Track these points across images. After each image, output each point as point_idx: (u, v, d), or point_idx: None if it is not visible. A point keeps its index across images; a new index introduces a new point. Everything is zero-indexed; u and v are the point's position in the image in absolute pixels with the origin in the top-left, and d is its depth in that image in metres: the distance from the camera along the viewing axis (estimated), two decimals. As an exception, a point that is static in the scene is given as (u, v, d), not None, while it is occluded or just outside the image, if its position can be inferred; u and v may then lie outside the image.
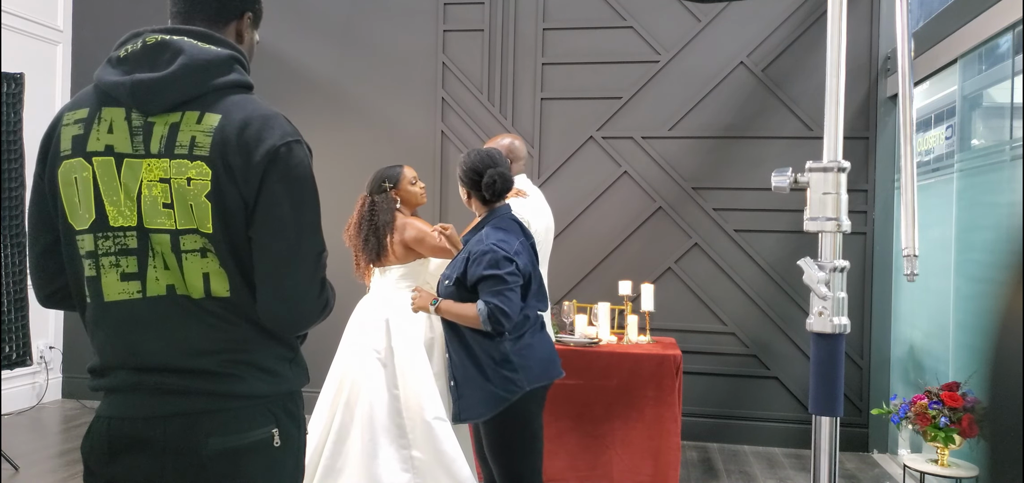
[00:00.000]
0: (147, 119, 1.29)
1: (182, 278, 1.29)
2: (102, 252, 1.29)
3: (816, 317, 1.36)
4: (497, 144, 3.24)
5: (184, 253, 1.28)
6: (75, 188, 1.30)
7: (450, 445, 3.00)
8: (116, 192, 1.28)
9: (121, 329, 1.31)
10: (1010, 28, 3.39)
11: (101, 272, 1.30)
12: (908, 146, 1.43)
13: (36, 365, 5.31)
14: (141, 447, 1.29)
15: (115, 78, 1.30)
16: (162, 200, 1.27)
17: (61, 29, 5.71)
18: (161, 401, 1.29)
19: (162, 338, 1.30)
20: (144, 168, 1.28)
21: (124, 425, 1.31)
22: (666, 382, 3.79)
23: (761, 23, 4.96)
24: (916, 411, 3.46)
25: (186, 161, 1.27)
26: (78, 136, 1.30)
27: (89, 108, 1.32)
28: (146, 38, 1.33)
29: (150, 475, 1.30)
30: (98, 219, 1.29)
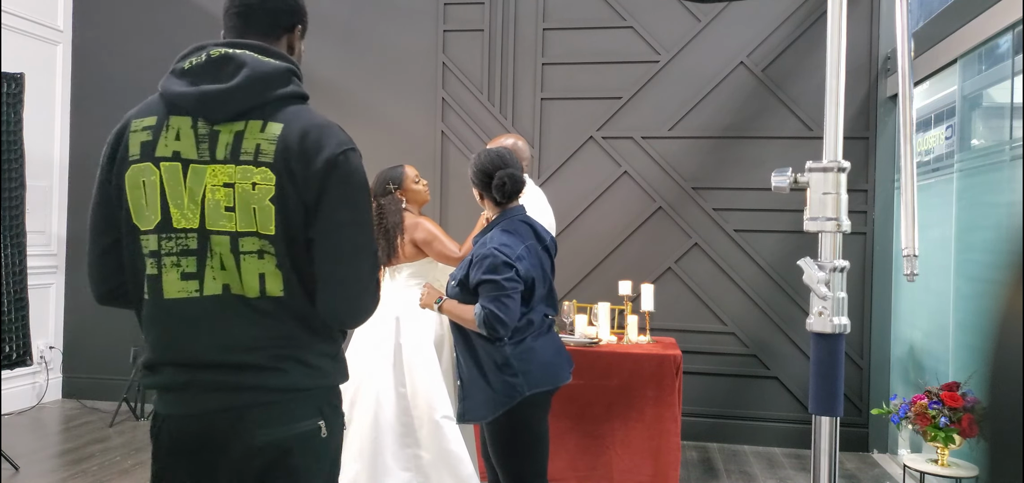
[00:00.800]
0: (213, 127, 1.37)
1: (239, 278, 1.37)
2: (164, 252, 1.37)
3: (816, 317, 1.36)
4: (499, 143, 3.23)
5: (242, 254, 1.36)
6: (142, 191, 1.37)
7: (457, 445, 3.00)
8: (181, 196, 1.36)
9: (177, 326, 1.38)
10: (1010, 28, 3.39)
11: (162, 271, 1.38)
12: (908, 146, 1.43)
13: (36, 365, 5.31)
14: (196, 442, 1.39)
15: (181, 88, 1.38)
16: (225, 204, 1.35)
17: (61, 29, 5.71)
18: (213, 396, 1.37)
19: (215, 335, 1.37)
20: (209, 173, 1.36)
21: (179, 422, 1.40)
22: (666, 382, 3.79)
23: (761, 23, 4.96)
24: (916, 411, 3.46)
25: (251, 167, 1.35)
26: (147, 142, 1.38)
27: (157, 116, 1.40)
28: (210, 51, 1.40)
29: (206, 468, 1.39)
30: (163, 221, 1.37)
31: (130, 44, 5.73)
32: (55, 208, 5.70)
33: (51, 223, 5.67)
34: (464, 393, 2.54)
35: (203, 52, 1.41)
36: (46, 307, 5.60)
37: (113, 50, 5.75)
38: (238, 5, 1.50)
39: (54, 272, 5.69)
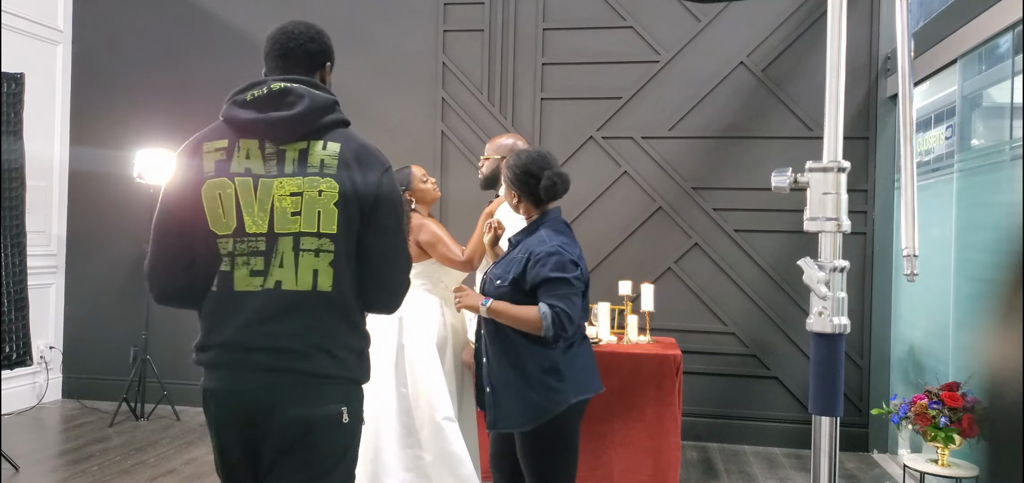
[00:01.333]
0: (279, 147, 1.66)
1: (294, 274, 1.62)
2: (237, 252, 1.63)
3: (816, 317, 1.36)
4: (499, 143, 3.22)
5: (301, 251, 1.62)
6: (219, 202, 1.63)
7: (458, 447, 2.98)
8: (252, 205, 1.63)
9: (241, 314, 1.62)
10: (1010, 28, 3.39)
11: (234, 268, 1.63)
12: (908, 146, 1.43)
13: (36, 365, 5.31)
14: (241, 415, 1.63)
15: (250, 116, 1.65)
16: (291, 210, 1.62)
17: (61, 29, 5.71)
18: (257, 375, 1.62)
19: (267, 323, 1.61)
20: (276, 186, 1.63)
21: (227, 397, 1.64)
22: (666, 382, 3.79)
23: (761, 23, 4.96)
24: (916, 411, 3.46)
25: (318, 177, 1.64)
26: (221, 161, 1.65)
27: (227, 139, 1.67)
28: (271, 85, 1.67)
29: (249, 437, 1.63)
30: (238, 226, 1.63)
31: (130, 44, 5.73)
32: (55, 208, 5.71)
33: (51, 223, 5.67)
34: (495, 400, 2.41)
35: (264, 86, 1.67)
36: (46, 307, 5.60)
37: (113, 50, 5.75)
38: (280, 48, 1.78)
39: (54, 272, 5.69)
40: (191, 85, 5.63)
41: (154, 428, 4.97)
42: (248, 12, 5.56)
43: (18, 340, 4.17)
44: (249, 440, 1.64)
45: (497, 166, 3.14)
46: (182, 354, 5.59)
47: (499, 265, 2.51)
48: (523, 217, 2.62)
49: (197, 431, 4.93)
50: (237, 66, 5.58)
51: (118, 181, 5.54)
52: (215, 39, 5.62)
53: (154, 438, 4.74)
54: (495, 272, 2.50)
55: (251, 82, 1.69)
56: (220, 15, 5.61)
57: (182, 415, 5.27)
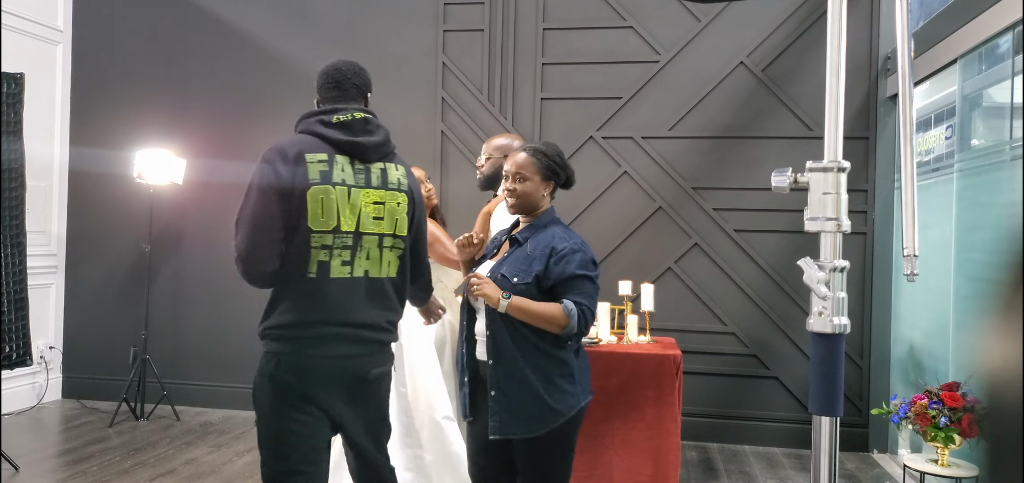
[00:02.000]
0: (365, 165, 2.12)
1: (379, 265, 2.12)
2: (334, 246, 2.04)
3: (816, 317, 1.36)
4: (496, 144, 3.22)
5: (384, 248, 2.13)
6: (321, 204, 2.01)
7: (458, 446, 2.98)
8: (345, 209, 2.05)
9: (336, 296, 2.04)
10: (1010, 28, 3.39)
11: (331, 259, 2.03)
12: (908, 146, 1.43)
13: (36, 365, 5.31)
14: (337, 376, 2.07)
15: (343, 137, 2.08)
16: (374, 215, 2.10)
17: (61, 29, 5.71)
18: (353, 345, 2.08)
19: (357, 303, 2.07)
20: (362, 195, 2.08)
21: (327, 362, 2.05)
22: (666, 382, 3.78)
23: (761, 23, 4.96)
24: (916, 411, 3.46)
25: (396, 192, 2.16)
26: (324, 171, 2.03)
27: (326, 154, 2.06)
28: (354, 114, 2.12)
29: (340, 394, 2.09)
30: (336, 226, 2.03)
31: (130, 44, 5.73)
32: (55, 208, 5.71)
33: (51, 223, 5.67)
34: (505, 404, 2.28)
35: (346, 113, 2.11)
36: (46, 307, 5.60)
37: (113, 50, 5.75)
38: (335, 82, 2.22)
39: (54, 272, 5.69)
40: (191, 85, 5.63)
41: (154, 428, 4.97)
42: (248, 12, 5.56)
43: (18, 340, 4.17)
44: (340, 396, 2.07)
45: (498, 165, 3.09)
46: (182, 354, 5.59)
47: (510, 263, 2.38)
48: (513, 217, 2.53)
49: (197, 431, 4.93)
50: (237, 66, 5.58)
51: (118, 181, 5.54)
52: (215, 39, 5.62)
53: (154, 438, 4.74)
54: (508, 269, 2.35)
55: (331, 108, 2.12)
56: (220, 15, 5.61)
57: (182, 415, 5.27)
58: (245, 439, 4.78)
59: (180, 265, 5.61)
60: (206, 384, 5.57)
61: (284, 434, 2.04)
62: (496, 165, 3.12)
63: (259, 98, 5.54)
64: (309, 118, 2.11)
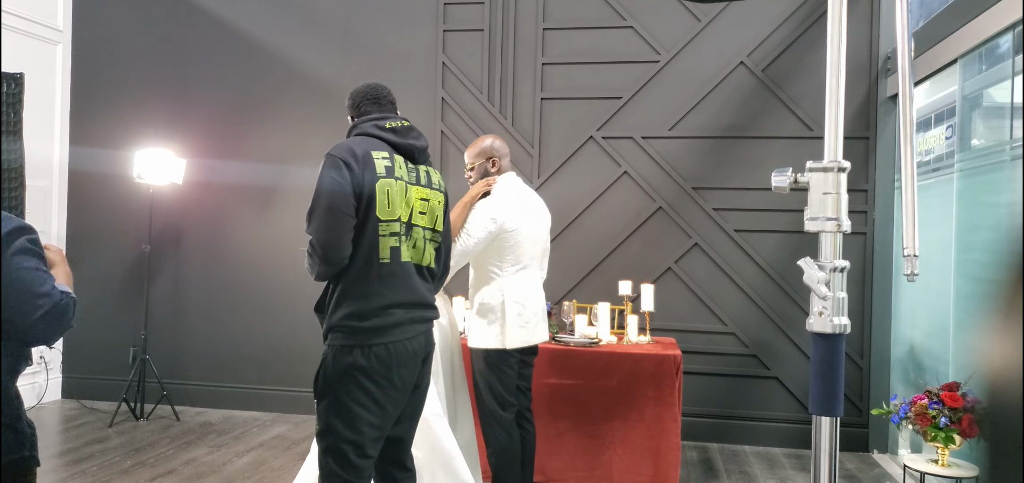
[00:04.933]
0: (415, 165, 2.37)
1: (422, 253, 2.33)
2: (401, 233, 2.25)
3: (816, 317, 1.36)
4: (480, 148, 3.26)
5: (427, 241, 2.35)
6: (387, 196, 2.22)
7: (448, 442, 3.00)
8: (402, 201, 2.26)
9: (404, 279, 2.25)
10: (1010, 28, 3.39)
11: (401, 244, 2.25)
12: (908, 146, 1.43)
13: (36, 365, 5.31)
14: (413, 355, 2.26)
15: (398, 140, 2.32)
16: (420, 209, 2.33)
17: (61, 29, 5.71)
18: (422, 325, 2.31)
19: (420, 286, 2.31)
20: (414, 191, 2.31)
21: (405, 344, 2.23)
22: (666, 382, 3.79)
23: (761, 23, 4.96)
24: (916, 411, 3.46)
25: (437, 191, 2.43)
26: (388, 166, 2.25)
27: (388, 152, 2.28)
28: (403, 121, 2.37)
29: (413, 372, 2.28)
30: (399, 216, 2.24)
31: (130, 44, 5.73)
32: (55, 208, 5.70)
33: (51, 223, 5.67)
34: None
35: (397, 120, 2.36)
36: (46, 307, 5.59)
37: (113, 50, 5.75)
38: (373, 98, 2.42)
39: (54, 272, 5.69)
40: (191, 85, 5.63)
41: (154, 428, 4.96)
42: (248, 12, 5.56)
43: (18, 340, 4.17)
44: (413, 374, 2.28)
45: (483, 170, 3.23)
46: (182, 354, 5.59)
47: None
48: None
49: (197, 431, 4.93)
50: (237, 66, 5.58)
51: (118, 181, 5.54)
52: (215, 39, 5.62)
53: (154, 438, 4.74)
54: None
55: (382, 115, 2.36)
56: (220, 15, 5.61)
57: (182, 415, 5.27)
58: (245, 439, 4.78)
59: (180, 265, 5.61)
60: (206, 384, 5.57)
61: (357, 421, 2.16)
62: (481, 171, 3.25)
63: (259, 98, 5.54)
64: (365, 123, 2.33)
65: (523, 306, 3.12)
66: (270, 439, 4.80)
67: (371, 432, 2.19)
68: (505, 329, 3.08)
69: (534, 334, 3.18)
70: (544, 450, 3.81)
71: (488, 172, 3.23)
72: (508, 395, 3.11)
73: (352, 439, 2.16)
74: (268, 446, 4.65)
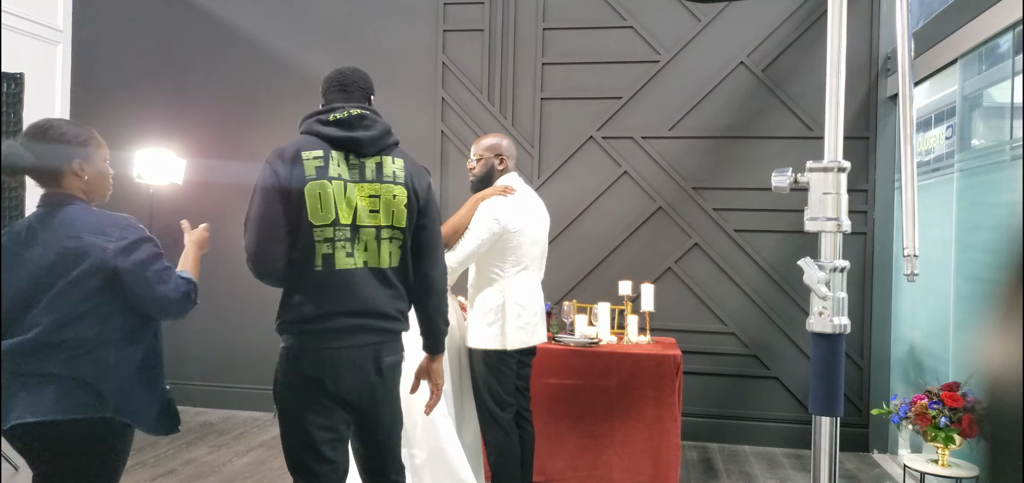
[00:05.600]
0: (360, 159, 2.17)
1: (377, 256, 2.16)
2: (336, 239, 2.10)
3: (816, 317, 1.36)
4: (486, 144, 3.26)
5: (382, 240, 2.16)
6: (318, 199, 2.08)
7: (451, 443, 2.99)
8: (342, 202, 2.10)
9: (343, 288, 2.10)
10: (1010, 28, 3.39)
11: (334, 251, 2.09)
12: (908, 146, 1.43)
13: (36, 365, 5.29)
14: (353, 365, 2.12)
15: (337, 133, 2.14)
16: (369, 208, 2.14)
17: (61, 29, 5.70)
18: (363, 334, 2.13)
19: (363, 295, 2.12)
20: (357, 190, 2.14)
21: (343, 353, 2.10)
22: (666, 382, 3.79)
23: (761, 23, 4.96)
24: (916, 411, 3.46)
25: (392, 185, 2.18)
26: (320, 167, 2.10)
27: (322, 151, 2.12)
28: (351, 111, 2.17)
29: (358, 383, 2.13)
30: (335, 218, 2.09)
31: (130, 44, 5.72)
32: (55, 208, 5.70)
33: (51, 223, 5.66)
34: None
35: (343, 110, 2.16)
36: (46, 307, 5.59)
37: (113, 50, 5.74)
38: (340, 85, 2.27)
39: (54, 272, 5.69)
40: (191, 85, 5.63)
41: (154, 428, 4.96)
42: (247, 12, 5.56)
43: (18, 340, 4.17)
44: (354, 385, 2.12)
45: (489, 165, 3.22)
46: (182, 354, 5.59)
47: None
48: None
49: (197, 431, 4.93)
50: (237, 66, 5.58)
51: (118, 181, 5.48)
52: (215, 39, 5.62)
53: (154, 438, 4.74)
54: None
55: (329, 107, 2.18)
56: (220, 15, 5.61)
57: (182, 415, 5.26)
58: (245, 439, 4.78)
59: (180, 265, 5.60)
60: (206, 384, 5.57)
61: (306, 425, 2.10)
62: (488, 166, 3.23)
63: (259, 98, 5.54)
64: (309, 119, 2.18)
65: (523, 307, 3.12)
66: (270, 439, 4.79)
67: (324, 435, 2.12)
68: (505, 330, 3.08)
69: (534, 335, 3.18)
70: (544, 450, 3.81)
71: (495, 169, 3.22)
72: (507, 396, 3.12)
73: (306, 443, 2.12)
74: (268, 446, 4.64)
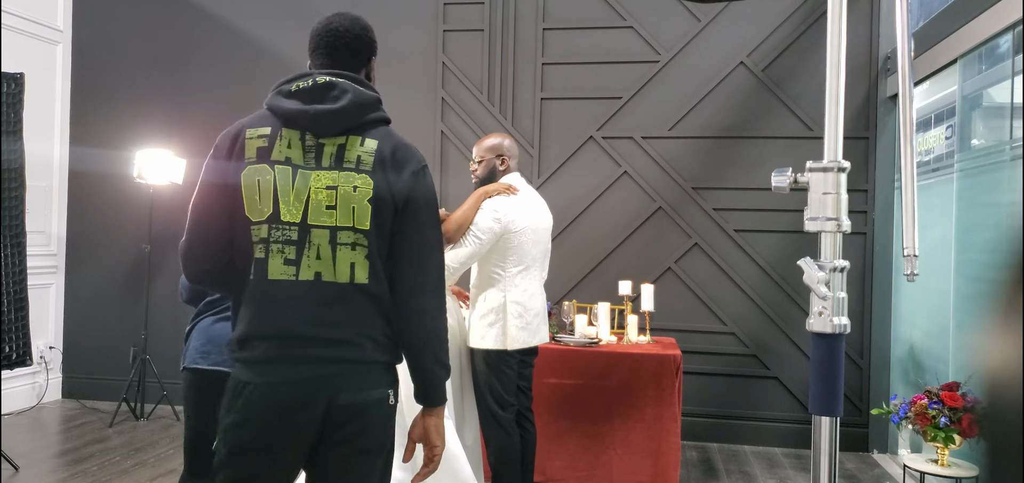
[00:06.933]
0: (318, 140, 1.65)
1: (333, 266, 1.62)
2: (272, 240, 1.62)
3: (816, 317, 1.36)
4: (488, 144, 3.26)
5: (339, 245, 1.62)
6: (256, 188, 1.62)
7: (453, 443, 2.99)
8: (288, 194, 1.62)
9: (277, 303, 1.61)
10: (1010, 28, 3.39)
11: (269, 256, 1.62)
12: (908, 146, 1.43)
13: (36, 365, 5.30)
14: (288, 404, 1.59)
15: (294, 106, 1.65)
16: (326, 203, 1.62)
17: (61, 29, 5.70)
18: (305, 367, 1.61)
19: (307, 313, 1.61)
20: (313, 177, 1.62)
21: (272, 388, 1.60)
22: (666, 382, 3.79)
23: (761, 23, 4.96)
24: (916, 411, 3.46)
25: (354, 173, 1.63)
26: (263, 148, 1.64)
27: (271, 128, 1.66)
28: (317, 78, 1.67)
29: (294, 427, 1.60)
30: (273, 213, 1.61)
31: (130, 44, 5.72)
32: (55, 208, 5.70)
33: (51, 223, 5.67)
34: None
35: (310, 79, 1.67)
36: (46, 307, 5.60)
37: (113, 50, 5.74)
38: (326, 44, 1.76)
39: (54, 272, 5.69)
40: (191, 85, 5.63)
41: (154, 428, 4.96)
42: (248, 12, 5.56)
43: (18, 340, 4.17)
44: (293, 430, 1.60)
45: (491, 166, 3.22)
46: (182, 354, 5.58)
47: None
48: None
49: (197, 431, 4.93)
50: (237, 66, 5.58)
51: (118, 181, 5.54)
52: (215, 39, 5.62)
53: (154, 438, 4.74)
54: None
55: (297, 73, 1.71)
56: (220, 15, 5.61)
57: (182, 415, 5.27)
58: (245, 439, 4.78)
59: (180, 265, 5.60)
60: (206, 384, 5.56)
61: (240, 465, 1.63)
62: (490, 166, 3.24)
63: (259, 98, 5.49)
64: (273, 89, 1.73)
65: (524, 307, 3.12)
66: (270, 439, 4.79)
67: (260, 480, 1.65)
68: (506, 330, 3.07)
69: (535, 335, 3.18)
70: (544, 450, 3.81)
71: (497, 169, 3.22)
72: (508, 396, 3.11)
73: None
74: (268, 446, 4.64)
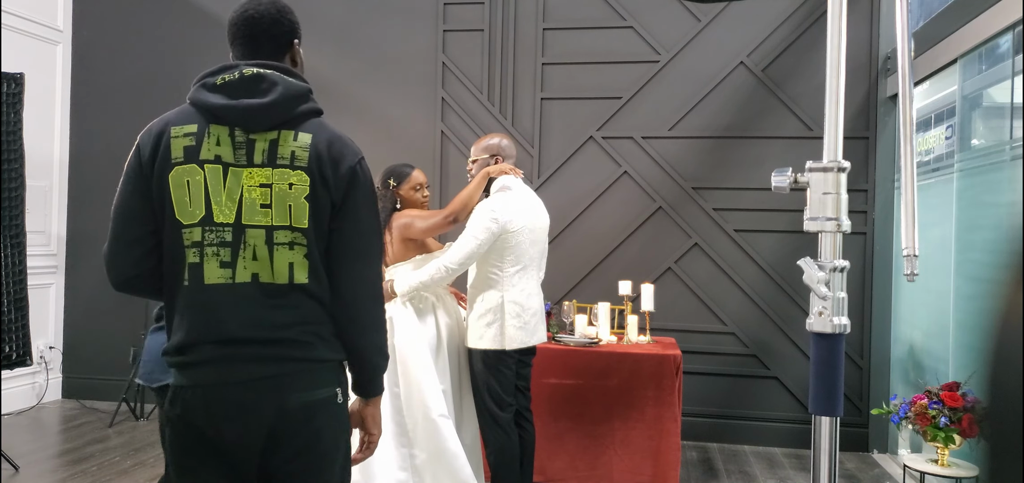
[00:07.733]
0: (249, 136, 1.58)
1: (270, 267, 1.57)
2: (206, 243, 1.55)
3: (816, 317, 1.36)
4: (486, 144, 3.27)
5: (276, 245, 1.57)
6: (186, 189, 1.55)
7: (453, 443, 2.99)
8: (220, 194, 1.56)
9: (215, 308, 1.55)
10: (1010, 28, 3.39)
11: (204, 260, 1.55)
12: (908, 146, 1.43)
13: (36, 365, 5.31)
14: (234, 409, 1.55)
15: (220, 101, 1.57)
16: (261, 202, 1.56)
17: (61, 29, 5.70)
18: (252, 367, 1.55)
19: (247, 317, 1.55)
20: (245, 176, 1.56)
21: (216, 391, 1.55)
22: (666, 382, 3.79)
23: (761, 23, 4.96)
24: (916, 411, 3.46)
25: (288, 170, 1.57)
26: (190, 147, 1.57)
27: (197, 125, 1.58)
28: (243, 70, 1.59)
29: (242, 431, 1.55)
30: (206, 215, 1.55)
31: (130, 44, 5.72)
32: (55, 208, 5.70)
33: (51, 223, 5.67)
34: None
35: (235, 70, 1.59)
36: (46, 307, 5.60)
37: (113, 50, 5.74)
38: (244, 33, 1.67)
39: (54, 272, 5.69)
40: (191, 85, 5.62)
41: (154, 428, 4.96)
42: (248, 12, 5.56)
43: (18, 340, 4.17)
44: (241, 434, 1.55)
45: (486, 166, 3.23)
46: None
47: None
48: None
49: (197, 431, 4.93)
50: (237, 66, 5.58)
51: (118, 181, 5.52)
52: (215, 39, 5.61)
53: (154, 438, 4.73)
54: None
55: (221, 65, 1.62)
56: (220, 15, 5.61)
57: (182, 415, 5.27)
58: (245, 439, 4.78)
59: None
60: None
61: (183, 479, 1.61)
62: (485, 166, 3.23)
63: (259, 98, 5.54)
64: (196, 82, 1.65)
65: (522, 307, 3.12)
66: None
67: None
68: (504, 330, 3.07)
69: (533, 335, 3.18)
70: (544, 450, 3.81)
71: None
72: (506, 395, 3.11)
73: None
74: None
